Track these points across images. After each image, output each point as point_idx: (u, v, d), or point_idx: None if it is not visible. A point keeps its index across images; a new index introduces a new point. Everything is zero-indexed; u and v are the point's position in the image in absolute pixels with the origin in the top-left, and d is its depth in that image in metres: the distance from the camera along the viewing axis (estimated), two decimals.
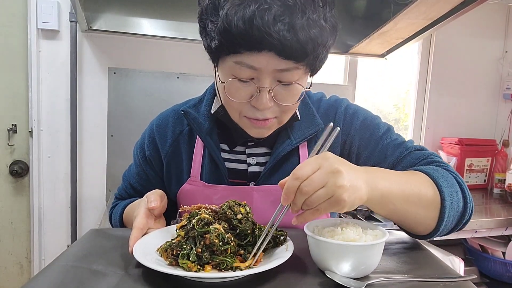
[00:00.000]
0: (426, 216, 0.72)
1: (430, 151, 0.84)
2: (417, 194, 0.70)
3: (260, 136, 0.80)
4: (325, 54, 0.75)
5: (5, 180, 1.95)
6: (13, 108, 1.91)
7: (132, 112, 1.95)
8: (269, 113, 0.75)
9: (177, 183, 0.91)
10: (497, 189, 2.35)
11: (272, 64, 0.68)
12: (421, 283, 0.62)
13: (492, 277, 2.08)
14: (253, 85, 0.71)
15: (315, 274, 0.64)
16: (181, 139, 0.90)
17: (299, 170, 0.59)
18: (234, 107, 0.76)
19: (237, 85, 0.72)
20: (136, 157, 0.97)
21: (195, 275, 0.59)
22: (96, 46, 1.95)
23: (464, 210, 0.75)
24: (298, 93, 0.74)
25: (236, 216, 0.68)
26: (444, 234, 0.77)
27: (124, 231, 0.81)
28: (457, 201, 0.73)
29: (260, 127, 0.77)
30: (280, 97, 0.73)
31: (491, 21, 2.55)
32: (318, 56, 0.71)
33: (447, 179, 0.74)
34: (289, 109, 0.77)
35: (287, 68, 0.69)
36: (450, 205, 0.72)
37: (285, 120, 0.80)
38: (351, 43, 2.18)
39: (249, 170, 0.87)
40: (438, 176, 0.73)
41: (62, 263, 0.66)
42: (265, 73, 0.69)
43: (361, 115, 0.90)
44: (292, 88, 0.73)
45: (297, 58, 0.68)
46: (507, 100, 2.62)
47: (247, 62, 0.68)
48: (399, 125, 2.70)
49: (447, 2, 1.63)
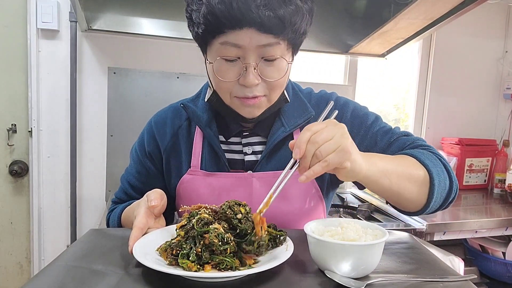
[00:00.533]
0: (418, 192, 0.77)
1: (416, 136, 0.90)
2: (408, 172, 0.76)
3: (251, 115, 0.83)
4: (303, 31, 0.79)
5: (4, 180, 1.95)
6: (12, 108, 1.91)
7: (132, 112, 1.95)
8: (257, 90, 0.79)
9: (177, 175, 0.92)
10: (497, 189, 2.35)
11: (254, 40, 0.73)
12: (421, 283, 0.62)
13: (492, 277, 2.08)
14: (240, 64, 0.76)
15: (315, 274, 0.64)
16: (180, 133, 0.93)
17: (310, 125, 0.65)
18: (224, 89, 0.81)
19: (225, 66, 0.77)
20: (136, 154, 0.98)
21: (195, 274, 0.59)
22: (96, 46, 1.95)
23: (450, 188, 0.81)
24: (282, 69, 0.79)
25: (236, 216, 0.68)
26: (432, 211, 0.82)
27: (124, 231, 0.81)
28: (444, 179, 0.80)
29: (251, 106, 0.81)
30: (266, 73, 0.78)
31: (491, 21, 2.55)
32: (296, 31, 0.77)
33: (432, 161, 0.80)
34: (276, 86, 0.81)
35: (268, 43, 0.74)
36: (438, 182, 0.78)
37: (274, 98, 0.84)
38: (351, 43, 2.18)
39: (246, 159, 0.90)
40: (424, 158, 0.79)
41: (62, 263, 0.66)
42: (248, 50, 0.74)
43: (351, 106, 0.95)
44: (276, 64, 0.78)
45: (276, 32, 0.73)
46: (507, 100, 2.62)
47: (231, 40, 0.74)
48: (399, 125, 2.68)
49: (447, 2, 1.63)
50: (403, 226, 1.72)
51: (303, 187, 0.90)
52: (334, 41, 2.19)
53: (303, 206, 0.90)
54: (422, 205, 0.79)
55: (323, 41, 2.18)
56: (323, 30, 2.12)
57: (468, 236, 1.87)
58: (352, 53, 2.27)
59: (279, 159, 0.89)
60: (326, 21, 2.05)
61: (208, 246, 0.62)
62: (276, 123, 0.89)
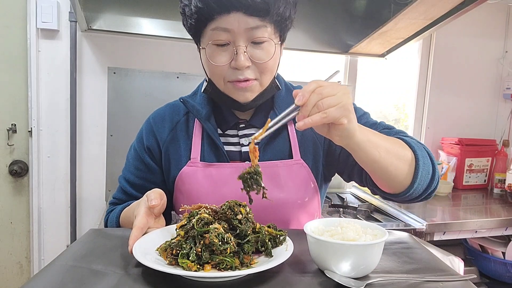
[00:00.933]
0: (404, 170, 0.79)
1: (401, 130, 0.93)
2: (397, 150, 0.79)
3: (245, 99, 0.87)
4: (288, 16, 0.84)
5: (4, 180, 1.95)
6: (12, 107, 1.91)
7: (131, 111, 1.94)
8: (248, 73, 0.83)
9: (176, 167, 0.94)
10: (497, 189, 2.35)
11: (242, 23, 0.79)
12: (421, 283, 0.62)
13: (492, 277, 2.08)
14: (231, 48, 0.81)
15: (315, 273, 0.64)
16: (179, 127, 0.96)
17: (317, 80, 0.67)
18: (218, 74, 0.85)
19: (217, 51, 0.82)
20: (134, 151, 0.99)
21: (195, 274, 0.59)
22: (96, 46, 1.95)
23: (432, 177, 0.83)
24: (271, 51, 0.83)
25: (236, 216, 0.68)
26: (414, 197, 0.84)
27: (124, 231, 0.81)
28: (428, 166, 0.82)
29: (243, 89, 0.85)
30: (255, 55, 0.82)
31: (491, 21, 2.55)
32: (280, 15, 0.82)
33: (419, 146, 0.83)
34: (266, 69, 0.85)
35: (256, 26, 0.79)
36: (422, 166, 0.80)
37: (265, 82, 0.87)
38: (351, 43, 2.18)
39: (243, 150, 0.93)
40: (413, 144, 0.82)
41: (62, 263, 0.66)
42: (238, 33, 0.79)
43: None
44: (264, 46, 0.83)
45: (262, 14, 0.79)
46: (507, 100, 2.62)
47: (221, 25, 0.79)
48: (399, 125, 2.70)
49: (447, 2, 1.63)
50: (403, 226, 1.72)
51: (301, 178, 0.92)
52: (334, 41, 2.19)
53: (299, 197, 0.92)
54: (406, 186, 0.81)
55: (323, 41, 2.18)
56: (323, 30, 2.12)
57: (468, 236, 1.87)
58: (352, 53, 2.27)
59: (275, 149, 0.92)
60: (326, 21, 2.05)
61: (208, 246, 0.62)
62: (271, 116, 0.93)
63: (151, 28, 1.93)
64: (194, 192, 0.90)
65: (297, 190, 0.91)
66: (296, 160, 0.92)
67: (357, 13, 2.00)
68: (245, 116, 0.95)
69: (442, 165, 2.38)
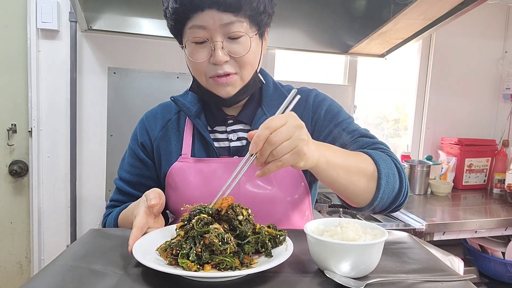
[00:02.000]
0: (365, 187, 0.80)
1: (379, 140, 0.93)
2: (357, 167, 0.79)
3: (227, 94, 0.88)
4: (263, 9, 0.86)
5: (4, 180, 1.95)
6: (12, 108, 1.91)
7: (131, 111, 1.94)
8: (227, 68, 0.85)
9: (166, 163, 0.96)
10: (497, 189, 2.35)
11: (217, 19, 0.81)
12: (421, 283, 0.62)
13: (491, 277, 2.08)
14: (208, 45, 0.84)
15: (315, 273, 0.64)
16: (170, 125, 0.99)
17: (270, 121, 0.65)
18: (199, 70, 0.88)
19: (196, 48, 0.85)
20: (129, 149, 1.02)
21: (195, 274, 0.59)
22: (96, 46, 1.95)
23: (398, 192, 0.83)
24: (247, 45, 0.85)
25: (237, 217, 0.68)
26: (378, 211, 0.85)
27: (124, 231, 0.81)
28: (393, 182, 0.82)
29: (224, 84, 0.87)
30: (233, 50, 0.84)
31: (491, 21, 2.55)
32: (254, 9, 0.84)
33: (386, 162, 0.83)
34: (245, 63, 0.86)
35: (230, 21, 0.82)
36: (386, 183, 0.80)
37: (246, 76, 0.89)
38: (351, 43, 2.18)
39: (231, 145, 0.96)
40: (378, 158, 0.82)
41: (62, 263, 0.66)
42: (213, 30, 0.82)
43: (328, 102, 1.00)
44: (240, 41, 0.85)
45: (234, 10, 0.81)
46: (506, 100, 2.62)
47: (197, 23, 0.82)
48: (399, 125, 2.70)
49: (447, 2, 1.64)
50: (402, 226, 1.72)
51: (291, 176, 0.93)
52: (334, 41, 2.19)
53: (290, 194, 0.93)
54: (367, 201, 0.82)
55: (323, 41, 2.18)
56: (323, 30, 2.12)
57: (468, 236, 1.87)
58: (352, 53, 2.27)
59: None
60: (326, 21, 2.06)
61: (208, 246, 0.62)
62: (259, 112, 0.96)
63: (151, 28, 1.94)
64: (185, 186, 0.92)
65: (287, 187, 0.93)
66: None
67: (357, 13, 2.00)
68: (233, 112, 0.98)
69: (442, 165, 2.38)
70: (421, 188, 2.23)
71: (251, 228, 0.69)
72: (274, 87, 1.00)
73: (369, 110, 2.64)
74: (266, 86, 0.98)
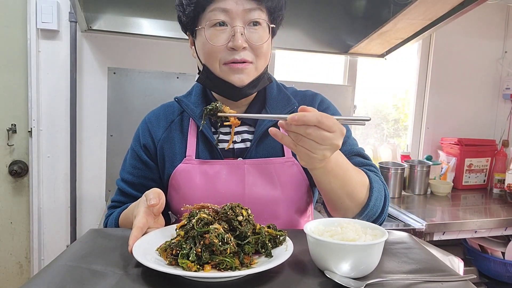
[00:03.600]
0: (348, 208, 0.84)
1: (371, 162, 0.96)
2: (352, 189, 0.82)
3: (241, 82, 0.88)
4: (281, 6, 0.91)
5: (4, 180, 1.95)
6: (12, 108, 1.91)
7: (131, 112, 1.94)
8: (245, 55, 0.87)
9: (170, 165, 0.96)
10: (496, 189, 2.35)
11: (240, 4, 0.84)
12: (421, 283, 0.62)
13: (491, 277, 2.08)
14: (228, 29, 0.85)
15: (315, 274, 0.64)
16: (173, 126, 0.99)
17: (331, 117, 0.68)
18: (214, 56, 0.88)
19: (215, 32, 0.86)
20: (132, 151, 1.02)
21: (195, 274, 0.59)
22: (96, 46, 1.95)
23: (379, 217, 0.88)
24: (265, 34, 0.88)
25: (237, 217, 0.68)
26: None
27: (124, 231, 0.81)
28: (377, 208, 0.86)
29: (240, 71, 0.87)
30: (252, 38, 0.86)
31: (490, 21, 2.55)
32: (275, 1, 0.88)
33: (379, 186, 0.87)
34: (261, 53, 0.89)
35: (252, 7, 0.85)
36: (370, 210, 0.84)
37: (260, 67, 0.90)
38: (351, 43, 2.18)
39: (236, 147, 0.95)
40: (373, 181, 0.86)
41: (62, 263, 0.66)
42: (235, 14, 0.84)
43: (331, 111, 1.02)
44: (259, 29, 0.87)
45: None
46: (506, 100, 2.62)
47: (221, 5, 0.84)
48: (398, 125, 2.70)
49: (446, 2, 1.64)
50: (402, 226, 1.72)
51: (293, 176, 0.93)
52: (334, 41, 2.19)
53: (292, 194, 0.93)
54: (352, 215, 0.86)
55: (323, 41, 2.18)
56: (323, 30, 2.12)
57: (468, 236, 1.87)
58: (352, 53, 2.27)
59: (267, 147, 0.95)
60: (326, 21, 2.05)
61: (208, 246, 0.62)
62: (262, 113, 0.97)
63: (151, 28, 1.93)
64: (189, 188, 0.91)
65: (289, 187, 0.93)
66: (288, 158, 0.94)
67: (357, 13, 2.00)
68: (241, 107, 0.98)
69: (442, 165, 2.38)
70: (421, 188, 2.23)
71: (251, 229, 0.69)
72: (278, 89, 1.00)
73: (369, 110, 2.64)
74: (271, 87, 0.99)
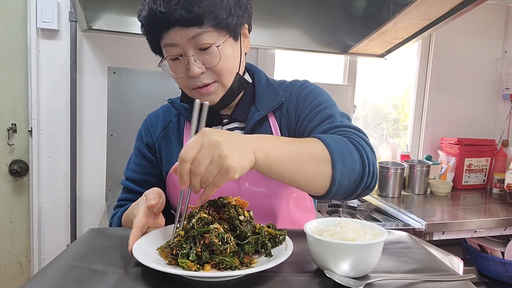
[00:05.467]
0: (316, 174, 0.74)
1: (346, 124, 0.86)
2: (304, 154, 0.73)
3: (212, 102, 0.89)
4: (228, 15, 0.85)
5: (4, 179, 1.95)
6: (12, 107, 1.91)
7: (131, 111, 1.95)
8: (205, 78, 0.87)
9: (168, 163, 0.99)
10: (496, 189, 2.35)
11: (183, 35, 0.83)
12: (420, 282, 0.62)
13: (491, 276, 2.09)
14: (183, 60, 0.86)
15: (315, 273, 0.64)
16: (171, 126, 1.02)
17: (185, 154, 0.62)
18: (182, 84, 0.91)
19: (173, 64, 0.89)
20: (135, 149, 1.05)
21: (195, 274, 0.59)
22: (96, 45, 1.95)
23: (362, 173, 0.77)
24: (217, 54, 0.85)
25: (238, 216, 0.68)
26: (343, 197, 0.80)
27: (124, 231, 0.81)
28: (351, 162, 0.75)
29: (206, 94, 0.89)
30: (205, 61, 0.86)
31: (490, 21, 2.56)
32: (218, 17, 0.83)
33: (339, 143, 0.76)
34: (221, 71, 0.87)
35: (196, 34, 0.83)
36: (342, 165, 0.74)
37: (226, 82, 0.89)
38: (351, 43, 2.18)
39: None
40: (329, 141, 0.76)
41: (62, 263, 0.66)
42: (183, 45, 0.84)
43: (311, 87, 0.99)
44: (210, 51, 0.85)
45: (197, 23, 0.82)
46: (506, 100, 2.62)
47: (168, 41, 0.85)
48: (398, 125, 2.70)
49: (446, 2, 1.64)
50: (402, 225, 1.72)
51: None
52: (334, 41, 2.20)
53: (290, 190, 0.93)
54: (324, 189, 0.76)
55: (322, 41, 2.18)
56: (323, 30, 2.12)
57: (467, 235, 1.87)
58: (352, 53, 2.27)
59: None
60: (326, 21, 2.06)
61: (208, 246, 0.62)
62: (252, 109, 0.96)
63: None
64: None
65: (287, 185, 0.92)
66: None
67: (356, 13, 2.00)
68: (227, 112, 0.99)
69: (442, 165, 2.39)
70: (420, 188, 2.23)
71: (251, 230, 0.69)
72: (267, 84, 1.01)
73: (369, 110, 2.64)
74: (258, 82, 0.99)
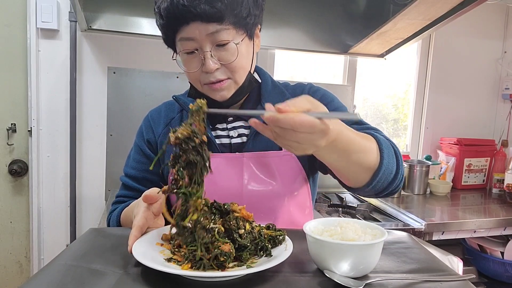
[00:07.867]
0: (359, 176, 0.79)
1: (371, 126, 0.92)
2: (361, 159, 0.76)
3: (223, 98, 0.90)
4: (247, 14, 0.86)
5: (4, 179, 1.95)
6: (12, 107, 1.91)
7: (131, 111, 1.94)
8: (219, 75, 0.87)
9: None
10: (496, 189, 2.36)
11: (202, 30, 0.83)
12: (420, 282, 0.62)
13: (490, 276, 2.09)
14: (198, 55, 0.86)
15: (315, 273, 0.65)
16: (173, 123, 1.02)
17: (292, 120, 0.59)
18: (194, 79, 0.91)
19: (187, 58, 0.89)
20: (135, 146, 1.04)
21: (195, 274, 0.59)
22: (96, 45, 1.95)
23: (396, 175, 0.82)
24: (235, 51, 0.86)
25: (238, 230, 0.68)
26: (375, 193, 0.84)
27: (123, 230, 0.81)
28: (392, 163, 0.81)
29: (219, 90, 0.89)
30: (222, 57, 0.86)
31: (490, 21, 2.56)
32: (238, 16, 0.84)
33: (387, 144, 0.82)
34: (236, 68, 0.88)
35: (215, 30, 0.83)
36: (386, 164, 0.79)
37: (239, 79, 0.90)
38: (351, 43, 2.18)
39: (233, 141, 0.97)
40: (380, 139, 0.81)
41: (61, 262, 0.66)
42: (201, 40, 0.84)
43: (322, 91, 1.02)
44: (228, 48, 0.86)
45: (217, 19, 0.82)
46: (505, 100, 2.62)
47: (185, 35, 0.85)
48: (398, 125, 2.70)
49: (446, 2, 1.64)
50: (402, 226, 1.72)
51: (291, 169, 0.94)
52: (334, 41, 2.20)
53: (290, 187, 0.94)
54: (364, 183, 0.80)
55: (322, 41, 2.18)
56: (323, 30, 2.12)
57: (467, 235, 1.87)
58: (351, 53, 2.27)
59: (264, 140, 0.95)
60: (326, 21, 2.06)
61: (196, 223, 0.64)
62: (258, 108, 0.97)
63: (151, 28, 1.93)
64: None
65: (288, 180, 0.94)
66: (285, 151, 0.94)
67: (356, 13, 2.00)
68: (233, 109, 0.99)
69: (441, 165, 2.39)
70: (420, 188, 2.23)
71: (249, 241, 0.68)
72: (272, 85, 1.02)
73: (369, 110, 2.64)
74: (265, 83, 1.00)
